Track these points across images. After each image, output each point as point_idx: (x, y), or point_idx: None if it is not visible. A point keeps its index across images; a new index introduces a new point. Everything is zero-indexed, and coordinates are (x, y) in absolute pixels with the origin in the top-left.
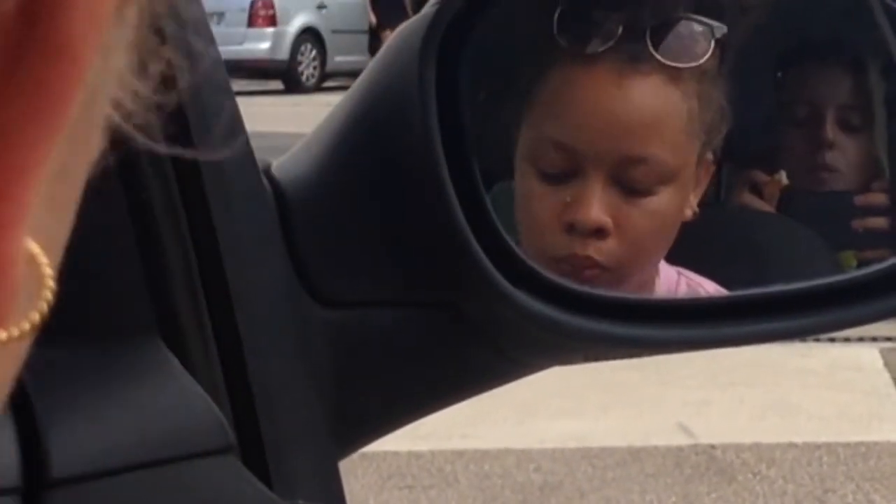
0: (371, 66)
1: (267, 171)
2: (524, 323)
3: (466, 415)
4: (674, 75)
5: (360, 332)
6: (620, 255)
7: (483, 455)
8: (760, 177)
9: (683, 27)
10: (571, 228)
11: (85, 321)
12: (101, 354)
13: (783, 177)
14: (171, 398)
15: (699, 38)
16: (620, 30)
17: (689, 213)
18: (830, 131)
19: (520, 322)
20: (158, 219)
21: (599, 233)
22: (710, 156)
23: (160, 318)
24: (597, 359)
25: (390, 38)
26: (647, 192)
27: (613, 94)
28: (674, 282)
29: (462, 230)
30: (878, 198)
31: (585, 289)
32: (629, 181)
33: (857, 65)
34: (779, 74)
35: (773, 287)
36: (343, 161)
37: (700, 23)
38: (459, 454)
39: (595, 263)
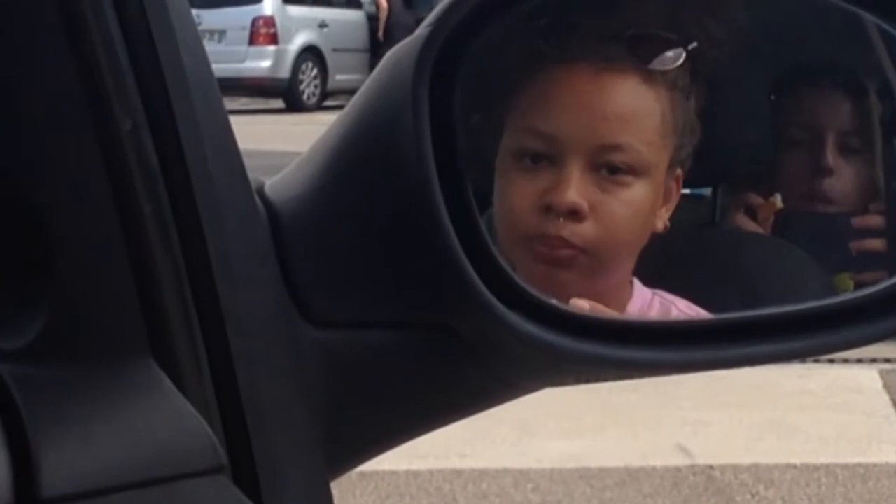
0: (365, 87)
1: (260, 191)
2: (517, 345)
3: (465, 434)
4: (647, 77)
5: (353, 352)
6: (593, 238)
7: (481, 475)
8: (755, 199)
9: (657, 36)
10: (548, 210)
11: (76, 340)
12: (92, 373)
13: (778, 200)
14: (162, 417)
15: (671, 47)
16: (598, 36)
17: (660, 225)
18: (831, 157)
19: (512, 344)
20: (151, 238)
21: (574, 214)
22: (679, 171)
23: (152, 337)
24: (589, 381)
25: (384, 59)
26: (622, 183)
27: (591, 88)
28: (647, 299)
29: (455, 252)
30: (876, 219)
31: (578, 311)
32: (605, 167)
33: (857, 88)
34: (772, 97)
35: (765, 309)
36: (336, 182)
37: (672, 37)
38: (457, 473)
39: (568, 244)
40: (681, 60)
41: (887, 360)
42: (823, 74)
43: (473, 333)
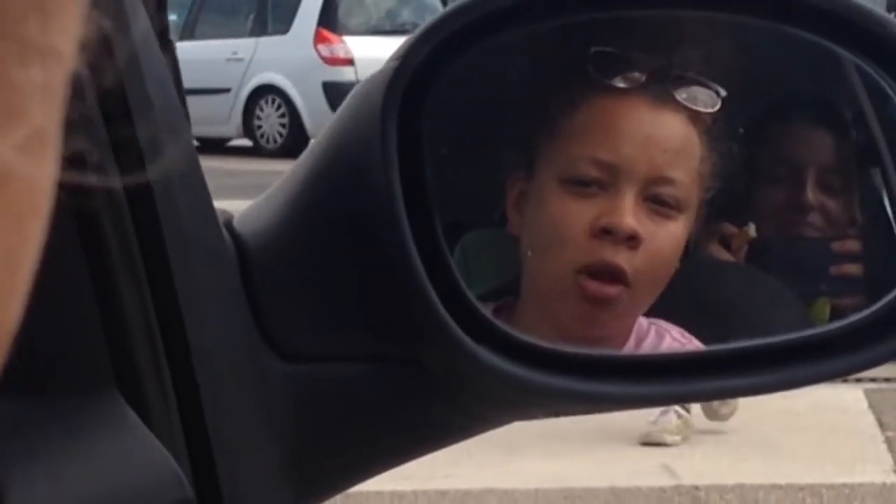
0: (333, 120)
1: (228, 224)
2: (485, 378)
3: (449, 455)
4: (692, 117)
5: (321, 386)
6: (644, 270)
7: (465, 495)
8: (729, 229)
9: (696, 81)
10: (605, 234)
11: (43, 375)
12: (59, 408)
13: (751, 229)
14: (129, 452)
15: (708, 92)
16: (647, 74)
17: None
18: (811, 194)
19: (481, 377)
20: (118, 272)
21: (632, 240)
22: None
23: (118, 371)
24: (559, 414)
25: (352, 91)
26: (667, 216)
27: (649, 120)
28: (644, 329)
29: (423, 286)
30: (854, 244)
31: (547, 344)
32: (656, 200)
33: (837, 124)
34: (741, 129)
35: (734, 344)
36: (304, 215)
37: (711, 83)
38: (442, 494)
39: (623, 273)
40: (718, 106)
41: (872, 380)
42: (802, 108)
43: (442, 367)
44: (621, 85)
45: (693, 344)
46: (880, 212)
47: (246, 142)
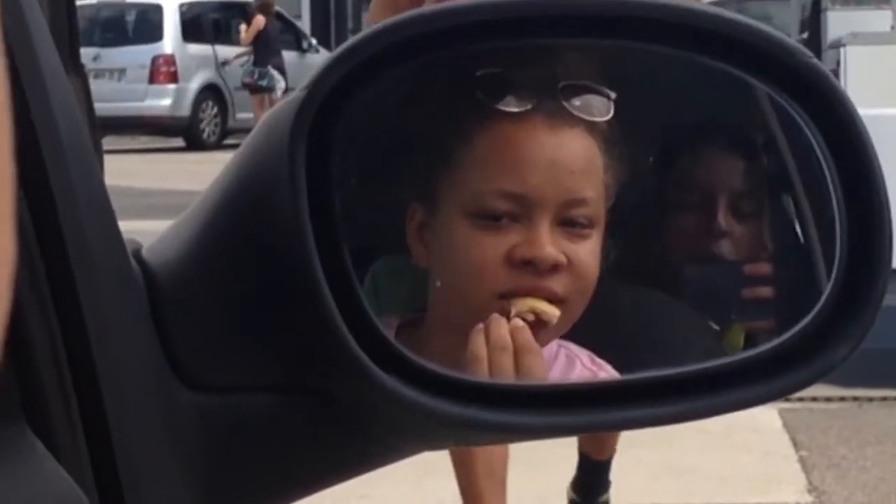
0: (241, 149)
1: (136, 254)
2: (394, 408)
3: (365, 475)
4: (589, 128)
5: (230, 416)
6: (570, 291)
7: None
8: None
9: (587, 88)
10: (522, 266)
11: None
12: None
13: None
14: (36, 484)
15: (600, 98)
16: (536, 91)
17: None
18: (723, 220)
19: (390, 407)
20: (24, 301)
21: (555, 269)
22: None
23: (26, 402)
24: (468, 443)
25: (260, 121)
26: (583, 235)
27: (550, 143)
28: (553, 353)
29: (332, 316)
30: (765, 267)
31: (456, 374)
32: (570, 223)
33: (747, 149)
34: (651, 159)
35: (647, 373)
36: (212, 245)
37: (601, 88)
38: None
39: (554, 294)
40: (612, 112)
41: (786, 400)
42: (713, 135)
43: (351, 398)
44: (513, 109)
45: (603, 370)
46: (792, 238)
47: None
